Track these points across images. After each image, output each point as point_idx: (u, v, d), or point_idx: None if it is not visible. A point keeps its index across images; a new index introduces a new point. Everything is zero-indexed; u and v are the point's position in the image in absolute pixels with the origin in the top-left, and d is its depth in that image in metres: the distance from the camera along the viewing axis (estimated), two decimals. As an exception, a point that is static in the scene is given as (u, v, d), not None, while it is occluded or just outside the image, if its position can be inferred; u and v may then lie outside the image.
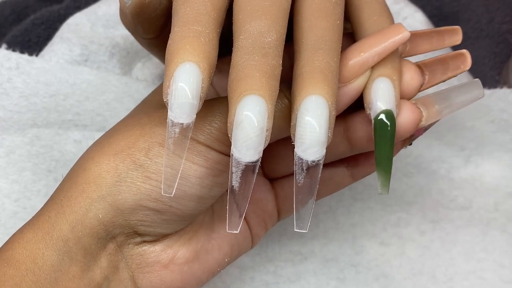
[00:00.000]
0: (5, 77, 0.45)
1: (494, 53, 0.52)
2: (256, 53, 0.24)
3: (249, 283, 0.41)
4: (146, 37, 0.33)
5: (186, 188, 0.28)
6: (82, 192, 0.28)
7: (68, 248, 0.28)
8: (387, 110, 0.27)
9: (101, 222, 0.28)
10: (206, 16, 0.25)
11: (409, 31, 0.31)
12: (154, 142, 0.28)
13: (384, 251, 0.42)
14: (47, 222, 0.28)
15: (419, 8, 0.52)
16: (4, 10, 0.52)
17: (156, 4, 0.29)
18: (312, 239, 0.42)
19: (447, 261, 0.41)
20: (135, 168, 0.28)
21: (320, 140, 0.24)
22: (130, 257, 0.30)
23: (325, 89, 0.25)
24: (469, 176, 0.44)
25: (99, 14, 0.50)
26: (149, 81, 0.48)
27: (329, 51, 0.26)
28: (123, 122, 0.31)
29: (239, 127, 0.23)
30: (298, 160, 0.25)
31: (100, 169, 0.28)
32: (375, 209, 0.43)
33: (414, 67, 0.29)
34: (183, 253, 0.31)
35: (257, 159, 0.24)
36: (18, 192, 0.41)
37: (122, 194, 0.28)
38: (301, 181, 0.25)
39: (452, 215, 0.43)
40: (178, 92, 0.24)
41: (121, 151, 0.28)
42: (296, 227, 0.26)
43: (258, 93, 0.24)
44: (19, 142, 0.42)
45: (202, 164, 0.28)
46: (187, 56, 0.24)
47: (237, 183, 0.25)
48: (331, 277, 0.41)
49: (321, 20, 0.27)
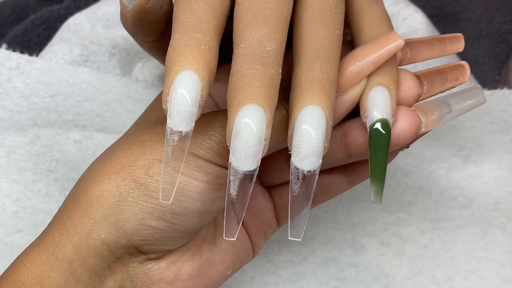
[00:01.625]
0: (5, 77, 0.45)
1: (494, 53, 0.52)
2: (256, 62, 0.24)
3: (249, 283, 0.41)
4: (146, 41, 0.33)
5: (187, 205, 0.28)
6: (84, 213, 0.28)
7: (73, 269, 0.27)
8: (382, 119, 0.27)
9: (104, 243, 0.28)
10: (207, 23, 0.25)
11: (411, 38, 0.31)
12: (154, 159, 0.28)
13: (384, 251, 0.42)
14: (51, 244, 0.28)
15: (419, 8, 0.52)
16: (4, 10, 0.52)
17: (157, 8, 0.29)
18: (312, 239, 0.42)
19: (447, 260, 0.41)
20: (136, 187, 0.28)
21: (316, 150, 0.24)
22: (135, 276, 0.30)
23: (323, 100, 0.25)
24: (469, 176, 0.44)
25: (99, 14, 0.50)
26: (149, 81, 0.48)
27: (328, 61, 0.26)
28: (123, 140, 0.31)
29: (238, 136, 0.24)
30: (294, 169, 0.25)
31: (102, 189, 0.28)
32: (375, 209, 0.43)
33: (412, 77, 0.29)
34: (187, 269, 0.31)
35: (255, 168, 0.24)
36: (19, 192, 0.41)
37: (124, 214, 0.28)
38: (296, 190, 0.25)
39: (452, 214, 0.43)
40: (177, 100, 0.24)
41: (121, 170, 0.28)
42: (290, 235, 0.26)
43: (257, 102, 0.24)
44: (20, 142, 0.42)
45: (202, 179, 0.28)
46: (187, 64, 0.24)
47: (235, 192, 0.25)
48: (331, 277, 0.41)
49: (320, 29, 0.27)
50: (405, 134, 0.28)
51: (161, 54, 0.34)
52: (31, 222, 0.40)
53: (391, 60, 0.28)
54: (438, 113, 0.29)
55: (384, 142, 0.27)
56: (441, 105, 0.30)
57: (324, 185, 0.34)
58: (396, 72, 0.28)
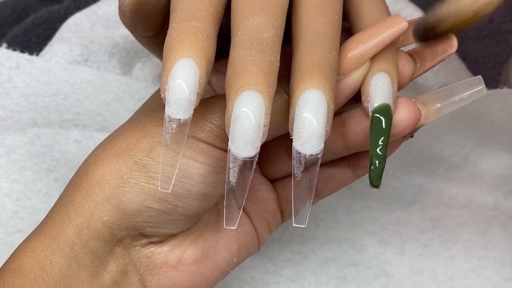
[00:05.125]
0: (5, 76, 0.45)
1: (494, 53, 0.52)
2: (254, 49, 0.24)
3: (250, 282, 0.41)
4: (145, 35, 0.33)
5: (190, 187, 0.28)
6: (86, 195, 0.28)
7: (75, 253, 0.27)
8: (385, 104, 0.27)
9: (106, 225, 0.28)
10: (204, 12, 0.25)
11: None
12: (156, 142, 0.28)
13: (384, 250, 0.42)
14: (52, 228, 0.28)
15: (419, 8, 0.52)
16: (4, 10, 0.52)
17: (155, 1, 0.29)
18: (312, 239, 0.42)
19: (447, 259, 0.41)
20: (137, 168, 0.28)
21: (318, 134, 0.24)
22: (138, 259, 0.30)
23: (323, 83, 0.25)
24: (468, 175, 0.44)
25: (99, 14, 0.50)
26: (149, 81, 0.48)
27: (327, 45, 0.26)
28: (124, 125, 0.31)
29: (237, 123, 0.23)
30: (296, 154, 0.25)
31: (103, 172, 0.28)
32: (375, 208, 0.43)
33: (406, 55, 0.29)
34: (191, 253, 0.30)
35: (255, 154, 0.24)
36: (19, 192, 0.41)
37: (126, 196, 0.28)
38: (299, 175, 0.25)
39: (452, 213, 0.43)
40: (175, 88, 0.24)
41: (123, 153, 0.28)
42: (295, 221, 0.26)
43: (256, 88, 0.24)
44: (20, 141, 0.42)
45: (204, 162, 0.28)
46: (185, 52, 0.24)
47: (235, 179, 0.25)
48: (332, 276, 0.41)
49: (319, 14, 0.27)
50: (404, 124, 0.28)
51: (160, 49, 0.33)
52: (31, 222, 0.40)
53: (392, 45, 0.28)
54: (439, 104, 0.29)
55: (386, 127, 0.27)
56: (442, 97, 0.30)
57: (328, 177, 0.34)
58: (397, 58, 0.29)
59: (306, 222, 0.26)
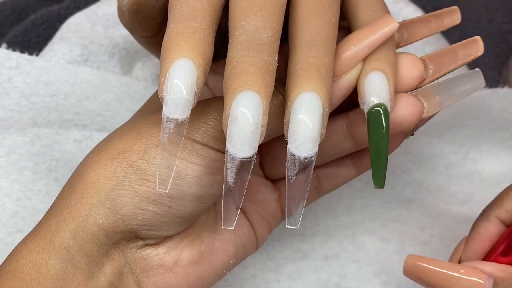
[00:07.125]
0: (5, 76, 0.45)
1: (494, 53, 0.52)
2: (251, 49, 0.24)
3: (250, 281, 0.41)
4: (144, 36, 0.33)
5: (185, 188, 0.28)
6: (81, 198, 0.28)
7: (71, 256, 0.27)
8: (380, 103, 0.27)
9: (102, 228, 0.28)
10: (202, 12, 0.25)
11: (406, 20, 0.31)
12: (150, 144, 0.28)
13: (384, 247, 0.42)
14: (48, 231, 0.28)
15: (419, 8, 0.52)
16: (4, 10, 0.52)
17: (153, 1, 0.29)
18: (312, 236, 0.42)
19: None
20: (132, 171, 0.28)
21: (313, 137, 0.24)
22: (134, 261, 0.30)
23: (318, 86, 0.25)
24: (468, 173, 0.44)
25: (99, 14, 0.50)
26: (149, 81, 0.48)
27: (323, 48, 0.26)
28: (120, 128, 0.31)
29: (234, 123, 0.24)
30: (290, 156, 0.25)
31: (98, 174, 0.28)
32: (374, 206, 0.43)
33: (412, 59, 0.29)
34: (187, 255, 0.31)
35: (252, 154, 0.24)
36: (19, 192, 0.41)
37: (121, 198, 0.28)
38: (293, 177, 0.25)
39: (451, 211, 0.43)
40: (173, 88, 0.24)
41: (118, 155, 0.28)
42: (287, 223, 0.26)
43: (253, 89, 0.24)
44: (20, 141, 0.43)
45: (199, 163, 0.28)
46: (182, 52, 0.24)
47: (232, 179, 0.25)
48: (332, 273, 0.41)
49: (316, 17, 0.27)
50: (408, 119, 0.28)
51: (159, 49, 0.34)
52: (31, 222, 0.40)
53: (387, 44, 0.28)
54: (439, 97, 0.29)
55: (382, 127, 0.27)
56: (442, 89, 0.29)
57: (332, 175, 0.34)
58: (393, 56, 0.28)
59: (299, 224, 0.26)
